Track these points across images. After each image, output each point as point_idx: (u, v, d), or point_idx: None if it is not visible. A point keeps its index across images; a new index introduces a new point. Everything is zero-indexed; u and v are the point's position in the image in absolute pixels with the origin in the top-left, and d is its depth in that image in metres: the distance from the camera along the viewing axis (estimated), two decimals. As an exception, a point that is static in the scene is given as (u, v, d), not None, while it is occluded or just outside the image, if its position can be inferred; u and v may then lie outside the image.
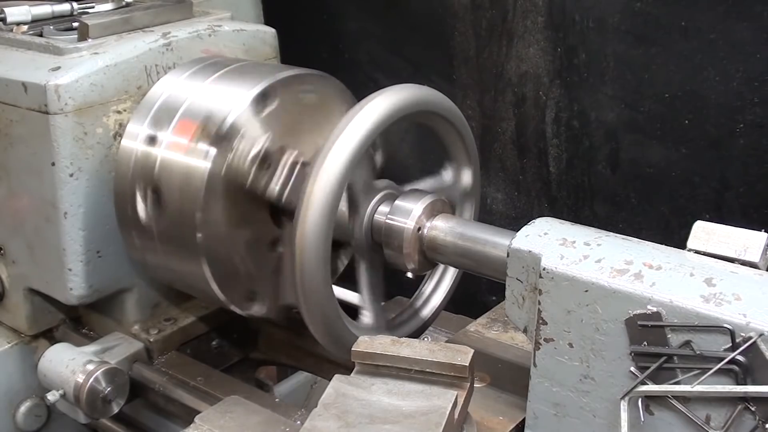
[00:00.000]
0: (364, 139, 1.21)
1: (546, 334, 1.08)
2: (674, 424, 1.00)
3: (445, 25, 1.98)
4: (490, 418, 1.24)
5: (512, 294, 1.14)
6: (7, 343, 1.75)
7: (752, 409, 0.95)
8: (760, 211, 1.64)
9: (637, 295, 1.00)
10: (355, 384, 1.12)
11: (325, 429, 1.03)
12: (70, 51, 1.54)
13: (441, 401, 1.08)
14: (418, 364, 1.12)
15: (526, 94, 1.90)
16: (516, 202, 2.02)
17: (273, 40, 1.76)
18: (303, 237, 1.18)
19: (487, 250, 1.23)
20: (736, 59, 1.58)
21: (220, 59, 1.56)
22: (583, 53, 1.78)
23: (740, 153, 1.63)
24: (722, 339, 0.95)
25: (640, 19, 1.68)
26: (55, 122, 1.47)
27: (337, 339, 1.26)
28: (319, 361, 1.62)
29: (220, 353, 1.73)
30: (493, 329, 1.49)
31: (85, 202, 1.53)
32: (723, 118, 1.63)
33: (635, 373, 1.01)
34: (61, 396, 1.53)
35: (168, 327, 1.66)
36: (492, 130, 1.99)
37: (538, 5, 1.81)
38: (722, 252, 1.05)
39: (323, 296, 1.21)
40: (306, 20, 2.24)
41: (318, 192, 1.18)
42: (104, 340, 1.64)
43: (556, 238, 1.10)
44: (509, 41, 1.89)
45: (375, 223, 1.30)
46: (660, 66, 1.69)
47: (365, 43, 2.18)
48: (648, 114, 1.74)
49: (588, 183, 1.88)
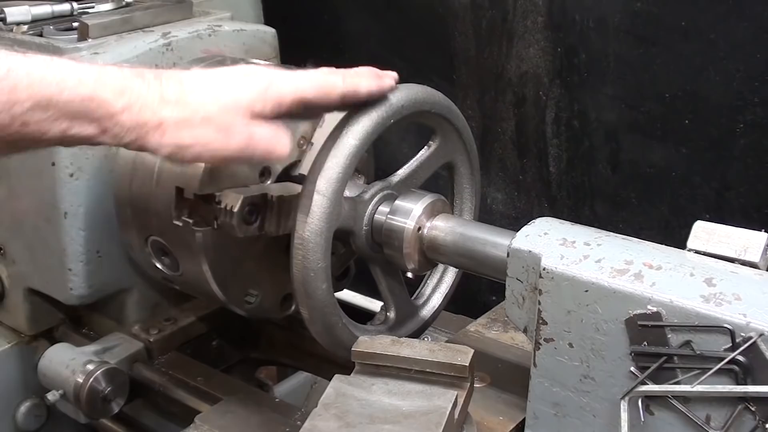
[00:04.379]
0: (364, 138, 1.21)
1: (546, 334, 1.08)
2: (674, 424, 1.00)
3: (445, 25, 1.98)
4: (490, 418, 1.24)
5: (512, 294, 1.14)
6: (7, 343, 1.75)
7: (752, 409, 0.95)
8: (760, 211, 1.64)
9: (637, 295, 1.00)
10: (355, 384, 1.12)
11: (325, 429, 1.03)
12: (70, 51, 1.54)
13: (441, 401, 1.08)
14: (418, 364, 1.12)
15: (526, 94, 1.90)
16: (516, 202, 2.02)
17: (273, 40, 1.75)
18: (303, 237, 1.18)
19: (487, 250, 1.23)
20: (736, 59, 1.58)
21: (219, 59, 1.56)
22: (583, 53, 1.78)
23: (740, 153, 1.63)
24: (722, 339, 0.95)
25: (641, 19, 1.68)
26: (55, 122, 1.47)
27: (337, 339, 1.26)
28: (319, 361, 1.62)
29: (220, 353, 1.73)
30: (493, 329, 1.49)
31: (85, 202, 1.53)
32: (723, 118, 1.63)
33: (635, 373, 1.01)
34: (61, 396, 1.53)
35: (168, 327, 1.66)
36: (492, 130, 1.99)
37: (538, 5, 1.81)
38: (722, 252, 1.05)
39: (323, 296, 1.21)
40: (306, 20, 2.24)
41: (318, 192, 1.18)
42: (104, 340, 1.64)
43: (556, 238, 1.10)
44: (509, 41, 1.89)
45: (375, 222, 1.30)
46: (660, 66, 1.69)
47: (365, 43, 2.18)
48: (648, 114, 1.74)
49: (588, 183, 1.88)
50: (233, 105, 1.07)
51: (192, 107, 1.05)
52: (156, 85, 1.05)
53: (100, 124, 1.02)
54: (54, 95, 0.98)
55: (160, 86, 1.05)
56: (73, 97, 0.99)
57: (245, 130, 1.08)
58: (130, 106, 1.02)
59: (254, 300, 1.46)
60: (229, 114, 1.07)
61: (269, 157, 1.11)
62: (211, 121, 1.06)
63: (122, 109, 1.02)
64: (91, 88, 1.00)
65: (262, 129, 1.09)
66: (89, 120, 1.01)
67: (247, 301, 1.46)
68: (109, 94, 1.01)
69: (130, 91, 1.03)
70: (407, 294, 1.41)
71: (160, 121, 1.04)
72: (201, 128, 1.06)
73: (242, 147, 1.08)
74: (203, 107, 1.06)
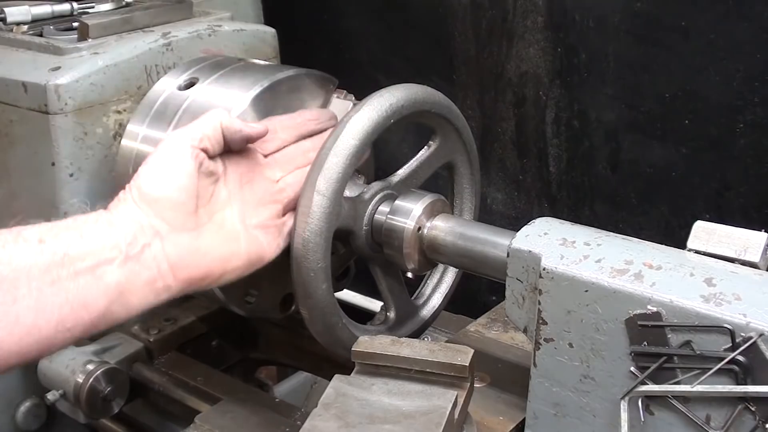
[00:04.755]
0: (364, 138, 1.21)
1: (546, 334, 1.08)
2: (674, 424, 1.00)
3: (445, 25, 1.98)
4: (490, 418, 1.23)
5: (512, 294, 1.14)
6: (7, 343, 1.75)
7: (752, 409, 0.95)
8: (760, 211, 1.64)
9: (637, 295, 1.00)
10: (355, 384, 1.12)
11: (325, 429, 1.03)
12: (70, 51, 1.54)
13: (441, 401, 1.08)
14: (418, 364, 1.12)
15: (526, 94, 1.90)
16: (516, 202, 2.02)
17: (273, 40, 1.75)
18: (303, 237, 1.18)
19: (487, 250, 1.23)
20: (736, 59, 1.58)
21: (220, 59, 1.56)
22: (583, 53, 1.78)
23: (740, 153, 1.63)
24: (722, 339, 0.95)
25: (640, 19, 1.68)
26: (55, 122, 1.47)
27: (337, 339, 1.26)
28: (319, 361, 1.62)
29: (220, 353, 1.73)
30: (493, 329, 1.49)
31: (85, 202, 1.53)
32: (723, 118, 1.63)
33: (635, 373, 1.01)
34: (61, 396, 1.53)
35: (168, 327, 1.66)
36: (492, 130, 1.99)
37: (538, 5, 1.81)
38: (722, 252, 1.05)
39: (323, 296, 1.21)
40: (306, 20, 2.24)
41: (318, 192, 1.18)
42: (104, 340, 1.63)
43: (556, 238, 1.10)
44: (509, 41, 1.89)
45: (375, 222, 1.30)
46: (660, 66, 1.69)
47: (365, 43, 2.18)
48: (648, 114, 1.74)
49: (588, 183, 1.88)
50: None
51: None
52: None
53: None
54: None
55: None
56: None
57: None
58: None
59: (254, 300, 1.46)
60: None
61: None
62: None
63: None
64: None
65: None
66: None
67: (247, 302, 1.45)
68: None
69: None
70: (407, 294, 1.41)
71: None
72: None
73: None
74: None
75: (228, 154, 1.17)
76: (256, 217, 1.18)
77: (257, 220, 1.18)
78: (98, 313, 1.01)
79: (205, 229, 1.12)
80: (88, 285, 0.99)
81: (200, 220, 1.11)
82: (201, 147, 1.11)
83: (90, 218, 1.05)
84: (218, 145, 1.14)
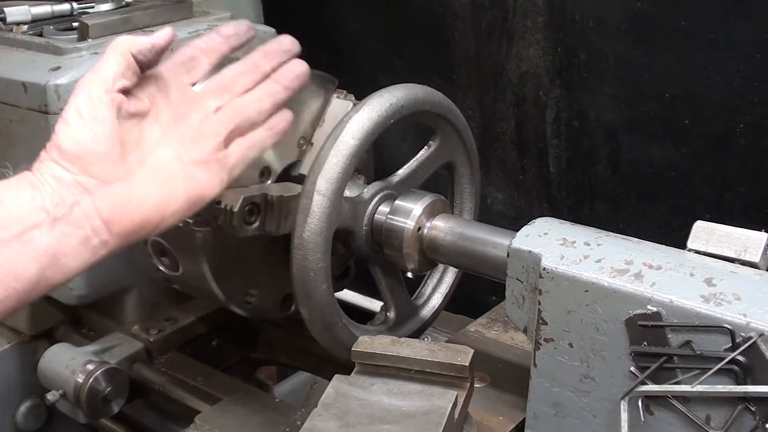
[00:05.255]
0: (364, 138, 1.21)
1: (546, 334, 1.08)
2: (674, 424, 1.00)
3: (445, 25, 1.98)
4: (490, 418, 1.24)
5: (512, 294, 1.14)
6: (7, 343, 1.74)
7: (752, 409, 0.95)
8: (760, 211, 1.64)
9: (637, 295, 1.00)
10: (355, 384, 1.12)
11: (325, 429, 1.03)
12: (70, 51, 1.54)
13: (441, 401, 1.08)
14: (418, 364, 1.12)
15: (526, 94, 1.90)
16: (516, 202, 2.02)
17: (273, 40, 1.75)
18: (303, 237, 1.18)
19: (487, 250, 1.23)
20: (736, 59, 1.58)
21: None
22: (583, 53, 1.78)
23: (740, 153, 1.63)
24: (722, 339, 0.95)
25: (640, 19, 1.68)
26: (55, 122, 1.47)
27: (337, 339, 1.26)
28: (319, 361, 1.62)
29: (219, 353, 1.73)
30: (493, 329, 1.49)
31: (85, 202, 1.52)
32: (723, 118, 1.63)
33: (635, 373, 1.01)
34: (61, 396, 1.54)
35: (168, 327, 1.66)
36: (492, 130, 1.99)
37: (538, 5, 1.81)
38: (722, 252, 1.05)
39: (323, 296, 1.21)
40: (306, 20, 2.23)
41: (318, 192, 1.18)
42: (104, 340, 1.64)
43: (556, 238, 1.10)
44: (509, 41, 1.89)
45: (375, 222, 1.30)
46: (660, 66, 1.69)
47: (365, 43, 2.18)
48: (648, 114, 1.74)
49: (588, 183, 1.88)
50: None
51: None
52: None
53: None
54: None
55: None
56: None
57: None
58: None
59: (254, 300, 1.46)
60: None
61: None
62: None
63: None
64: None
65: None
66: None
67: (247, 302, 1.45)
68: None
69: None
70: (407, 294, 1.41)
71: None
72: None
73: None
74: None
75: (156, 90, 1.09)
76: (195, 153, 1.09)
77: (196, 156, 1.09)
78: (30, 281, 0.97)
79: (136, 176, 1.04)
80: (15, 253, 0.95)
81: (130, 167, 1.03)
82: (117, 89, 1.03)
83: (11, 183, 1.00)
84: (135, 75, 1.05)
